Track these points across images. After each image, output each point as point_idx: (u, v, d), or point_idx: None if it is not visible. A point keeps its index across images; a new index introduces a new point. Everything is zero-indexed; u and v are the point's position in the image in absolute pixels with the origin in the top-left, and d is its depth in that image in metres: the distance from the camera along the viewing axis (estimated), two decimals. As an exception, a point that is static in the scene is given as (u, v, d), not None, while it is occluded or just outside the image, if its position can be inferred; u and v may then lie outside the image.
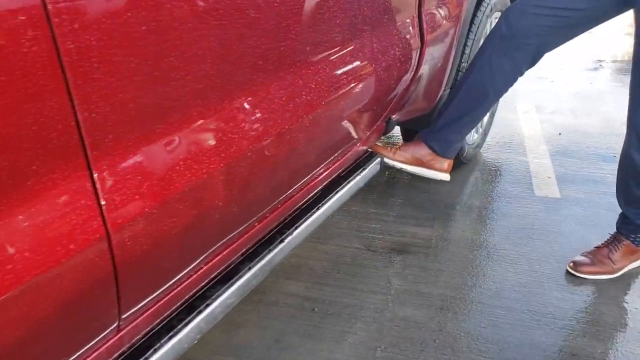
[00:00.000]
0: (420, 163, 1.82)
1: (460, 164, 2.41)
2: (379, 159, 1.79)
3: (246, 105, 0.96)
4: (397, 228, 2.05)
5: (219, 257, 1.12)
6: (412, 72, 1.63)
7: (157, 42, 0.74)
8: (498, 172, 2.45)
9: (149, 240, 0.80)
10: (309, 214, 1.47)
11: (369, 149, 1.81)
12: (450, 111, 1.75)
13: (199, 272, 1.06)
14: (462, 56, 2.06)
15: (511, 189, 2.30)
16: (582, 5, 1.51)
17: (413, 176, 2.41)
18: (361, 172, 1.70)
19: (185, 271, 0.98)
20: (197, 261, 1.01)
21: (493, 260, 1.84)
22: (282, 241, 1.36)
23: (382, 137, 1.98)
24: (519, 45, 1.59)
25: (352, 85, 1.35)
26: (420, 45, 1.61)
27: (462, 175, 2.42)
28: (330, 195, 1.56)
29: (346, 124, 1.47)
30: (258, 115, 1.02)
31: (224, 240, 1.08)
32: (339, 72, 1.30)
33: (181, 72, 0.80)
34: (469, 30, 2.06)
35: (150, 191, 0.77)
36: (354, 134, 1.55)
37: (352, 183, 1.65)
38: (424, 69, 1.72)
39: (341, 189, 1.60)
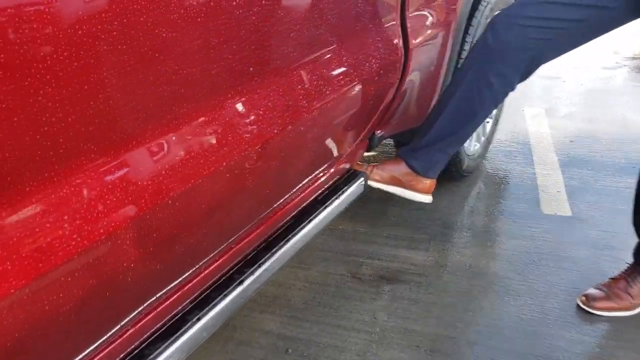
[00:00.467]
0: (398, 182, 1.63)
1: (460, 176, 2.20)
2: (362, 179, 1.59)
3: (156, 144, 0.78)
4: (388, 251, 1.86)
5: (152, 314, 0.94)
6: (396, 85, 1.43)
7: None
8: (502, 185, 2.24)
9: (23, 327, 0.62)
10: (275, 249, 1.28)
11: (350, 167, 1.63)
12: (434, 130, 1.55)
13: (124, 337, 0.89)
14: (457, 63, 1.85)
15: (516, 205, 2.09)
16: (579, 16, 1.29)
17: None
18: (341, 194, 1.51)
19: (96, 344, 0.80)
20: (115, 329, 0.84)
21: (493, 292, 1.64)
22: (241, 282, 1.18)
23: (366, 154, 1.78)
24: (508, 59, 1.38)
25: (322, 102, 1.15)
26: (404, 54, 1.41)
27: (463, 189, 2.22)
28: (303, 225, 1.37)
29: (320, 143, 1.28)
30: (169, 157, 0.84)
31: (152, 300, 0.89)
32: (305, 88, 1.11)
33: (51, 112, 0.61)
34: (466, 33, 1.85)
35: (14, 269, 0.59)
36: (330, 152, 1.37)
37: (330, 208, 1.46)
38: (411, 80, 1.52)
39: (315, 216, 1.41)
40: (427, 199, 1.67)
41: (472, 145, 2.21)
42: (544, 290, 1.63)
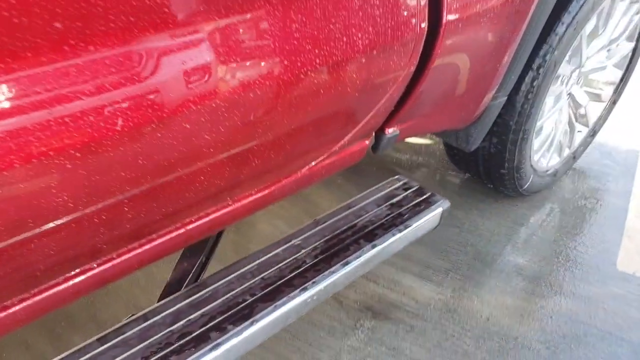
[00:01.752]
0: None
1: (519, 195, 1.73)
2: (440, 208, 1.21)
3: None
4: (390, 275, 1.49)
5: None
6: (407, 73, 1.01)
7: None
8: (575, 218, 1.73)
9: None
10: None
11: None
12: None
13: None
14: (539, 49, 1.35)
15: (583, 249, 1.59)
16: None
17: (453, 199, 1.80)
18: (397, 230, 1.13)
19: None
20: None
21: (502, 366, 1.24)
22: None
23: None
24: None
25: (279, 73, 0.80)
26: (427, 29, 0.98)
27: (520, 212, 1.73)
28: (334, 267, 1.04)
29: (281, 127, 0.92)
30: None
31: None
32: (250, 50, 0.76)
33: None
34: (563, 10, 1.34)
35: None
36: (300, 149, 1.01)
37: (378, 249, 1.09)
38: (442, 67, 1.09)
39: (356, 257, 1.06)
40: None
41: (547, 158, 1.71)
42: (573, 385, 1.20)
